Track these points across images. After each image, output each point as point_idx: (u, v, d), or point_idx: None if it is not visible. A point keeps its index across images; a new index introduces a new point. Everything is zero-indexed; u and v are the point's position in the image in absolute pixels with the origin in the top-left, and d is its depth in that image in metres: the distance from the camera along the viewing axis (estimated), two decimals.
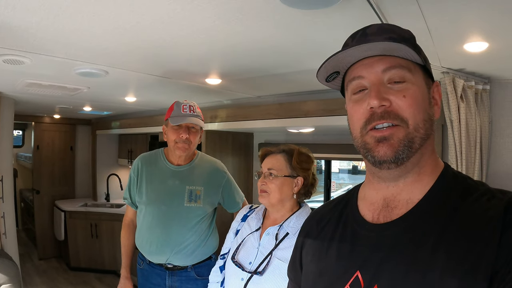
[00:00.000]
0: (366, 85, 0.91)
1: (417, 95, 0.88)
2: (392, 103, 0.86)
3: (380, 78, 0.89)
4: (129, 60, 2.39)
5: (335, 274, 0.94)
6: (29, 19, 1.65)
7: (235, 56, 2.24)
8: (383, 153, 0.86)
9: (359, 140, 0.92)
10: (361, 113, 0.90)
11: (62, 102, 4.73)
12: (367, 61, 0.91)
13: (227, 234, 2.10)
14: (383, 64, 0.89)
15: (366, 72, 0.90)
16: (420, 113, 0.87)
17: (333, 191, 4.47)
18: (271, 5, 1.45)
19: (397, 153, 0.86)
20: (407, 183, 0.91)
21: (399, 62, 0.88)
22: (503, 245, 0.73)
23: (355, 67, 0.93)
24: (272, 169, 1.87)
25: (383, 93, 0.87)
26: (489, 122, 2.54)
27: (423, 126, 0.87)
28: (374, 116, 0.87)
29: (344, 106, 1.00)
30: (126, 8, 1.51)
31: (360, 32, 0.94)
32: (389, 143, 0.86)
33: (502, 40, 1.79)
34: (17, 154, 8.82)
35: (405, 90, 0.87)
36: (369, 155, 0.89)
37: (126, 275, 2.63)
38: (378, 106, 0.86)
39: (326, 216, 1.10)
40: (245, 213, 2.06)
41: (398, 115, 0.86)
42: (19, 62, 2.40)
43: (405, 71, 0.88)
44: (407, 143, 0.86)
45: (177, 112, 2.50)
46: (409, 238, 0.84)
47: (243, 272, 1.80)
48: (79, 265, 6.23)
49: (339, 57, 0.91)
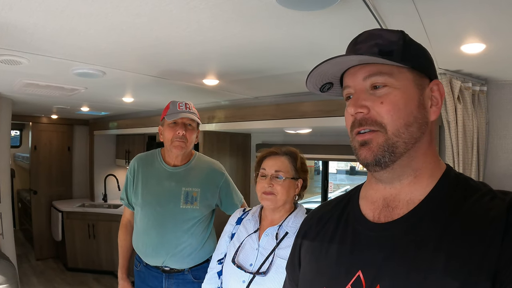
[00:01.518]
0: (352, 92, 0.94)
1: (397, 100, 0.88)
2: (370, 110, 0.89)
3: (362, 85, 0.92)
4: (126, 61, 2.39)
5: (336, 273, 0.93)
6: (26, 19, 1.65)
7: (232, 57, 2.24)
8: (364, 157, 0.90)
9: (351, 144, 0.95)
10: (348, 119, 0.95)
11: (60, 103, 4.72)
12: (352, 70, 0.94)
13: (220, 239, 2.08)
14: (364, 72, 0.91)
15: (351, 81, 0.94)
16: (401, 118, 0.88)
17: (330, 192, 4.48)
18: (268, 6, 1.44)
19: (377, 157, 0.88)
20: (404, 185, 0.92)
21: (379, 68, 0.90)
22: (505, 246, 0.74)
23: (344, 76, 0.97)
24: (280, 171, 1.87)
25: (361, 101, 0.90)
26: (486, 123, 2.55)
27: (404, 131, 0.88)
28: (355, 123, 0.91)
29: (341, 107, 1.03)
30: (122, 9, 1.50)
31: (353, 41, 0.98)
32: (369, 147, 0.89)
33: (499, 41, 1.79)
34: (15, 155, 8.80)
35: (385, 96, 0.89)
36: (357, 157, 0.93)
37: (122, 276, 2.61)
38: (355, 113, 0.90)
39: (326, 215, 1.09)
40: (239, 216, 2.05)
41: (376, 121, 0.88)
42: (16, 63, 2.39)
43: (385, 77, 0.89)
44: (387, 148, 0.88)
45: (173, 109, 2.48)
46: (410, 238, 0.84)
47: (244, 274, 1.79)
48: (76, 266, 6.21)
49: (319, 71, 0.95)
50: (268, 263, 1.76)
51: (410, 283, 0.79)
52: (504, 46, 1.86)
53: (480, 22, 1.58)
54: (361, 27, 1.56)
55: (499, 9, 1.42)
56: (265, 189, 1.85)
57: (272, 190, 1.85)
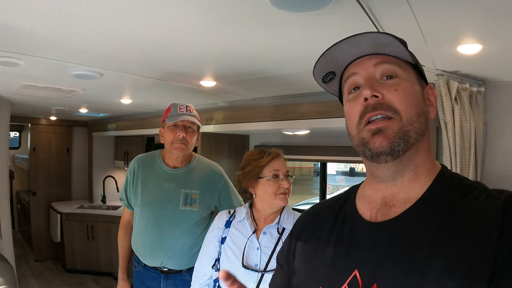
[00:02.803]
0: (360, 82, 0.93)
1: (408, 89, 0.90)
2: (384, 96, 0.88)
3: (372, 72, 0.91)
4: (123, 62, 2.39)
5: (332, 273, 0.93)
6: (23, 22, 1.65)
7: (229, 59, 2.24)
8: (379, 144, 0.87)
9: (356, 138, 0.92)
10: (356, 109, 0.91)
11: (58, 104, 4.73)
12: (360, 59, 0.94)
13: (207, 245, 2.06)
14: (374, 59, 0.92)
15: (359, 68, 0.93)
16: (413, 107, 0.89)
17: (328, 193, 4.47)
18: (262, 7, 1.44)
19: (393, 144, 0.86)
20: (405, 182, 0.92)
21: (389, 58, 0.91)
22: (501, 245, 0.73)
23: (349, 67, 0.96)
24: (289, 172, 1.98)
25: (375, 86, 0.89)
26: (483, 124, 2.55)
27: (416, 120, 0.88)
28: (368, 108, 0.88)
29: (339, 108, 1.02)
30: (117, 11, 1.50)
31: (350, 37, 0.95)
32: (384, 134, 0.86)
33: (495, 42, 1.79)
34: (14, 156, 8.79)
35: (397, 84, 0.89)
36: (366, 149, 0.89)
37: (122, 276, 2.63)
38: (371, 96, 0.87)
39: (322, 214, 1.09)
40: (227, 219, 2.05)
41: (391, 107, 0.87)
42: (14, 64, 2.39)
43: (395, 67, 0.90)
44: (402, 135, 0.86)
45: (174, 112, 2.50)
46: (406, 237, 0.84)
47: (254, 275, 1.82)
48: (75, 267, 6.21)
49: (332, 54, 0.94)
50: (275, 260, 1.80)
51: (407, 282, 0.79)
52: (501, 47, 1.86)
53: (476, 23, 1.58)
54: (356, 28, 1.56)
55: (494, 10, 1.42)
56: (284, 189, 1.93)
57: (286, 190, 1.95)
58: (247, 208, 2.02)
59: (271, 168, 1.94)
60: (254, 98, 3.81)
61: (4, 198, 4.19)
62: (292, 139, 4.03)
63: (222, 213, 2.10)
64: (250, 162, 2.00)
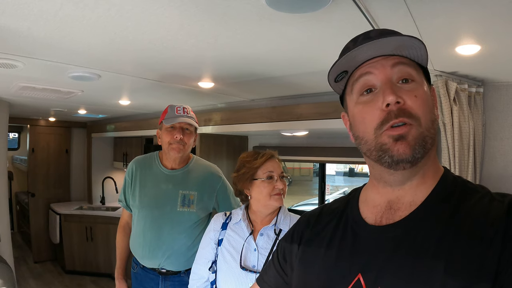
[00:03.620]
0: (375, 83, 0.90)
1: (425, 95, 0.89)
2: (405, 102, 0.86)
3: (390, 74, 0.88)
4: (121, 64, 2.38)
5: (335, 277, 0.93)
6: (20, 23, 1.65)
7: (226, 60, 2.24)
8: (402, 151, 0.84)
9: (373, 143, 0.89)
10: (374, 114, 0.88)
11: (57, 105, 4.72)
12: (374, 60, 0.91)
13: (204, 247, 2.06)
14: (391, 60, 0.89)
15: (374, 68, 0.90)
16: (429, 113, 0.88)
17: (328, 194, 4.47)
18: (258, 9, 1.44)
19: (414, 152, 0.84)
20: (412, 186, 0.91)
21: (404, 59, 0.90)
22: (505, 247, 0.73)
23: (361, 66, 0.92)
24: (284, 173, 1.99)
25: (397, 91, 0.86)
26: (482, 125, 2.54)
27: (432, 126, 0.88)
28: (391, 115, 0.85)
29: (337, 109, 1.00)
30: (113, 12, 1.50)
31: (362, 36, 0.94)
32: (407, 141, 0.84)
33: (494, 42, 1.78)
34: (13, 157, 8.80)
35: (415, 90, 0.88)
36: (386, 155, 0.86)
37: (118, 277, 2.64)
38: (395, 103, 0.85)
39: (324, 217, 1.09)
40: (224, 221, 2.05)
41: (411, 114, 0.85)
42: (12, 66, 2.39)
43: (411, 69, 0.89)
44: (421, 142, 0.85)
45: (171, 114, 2.51)
46: (411, 240, 0.84)
47: (252, 276, 1.82)
48: (74, 269, 6.21)
49: (353, 54, 0.89)
50: None
51: (411, 286, 0.79)
52: (499, 47, 1.85)
53: (474, 23, 1.57)
54: (353, 29, 1.56)
55: (493, 10, 1.41)
56: (278, 190, 1.93)
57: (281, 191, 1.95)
58: (243, 210, 2.02)
59: (265, 170, 1.95)
60: (252, 99, 3.81)
61: (3, 200, 4.19)
62: (291, 140, 4.03)
63: (218, 215, 2.10)
64: (245, 164, 2.00)
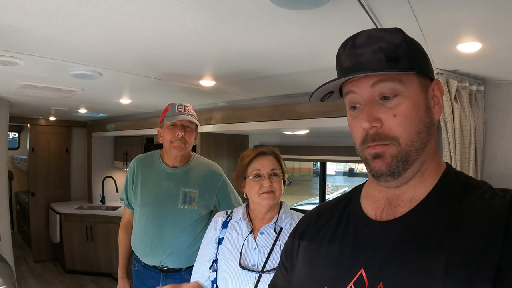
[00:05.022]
0: (359, 101, 0.91)
1: (409, 110, 0.87)
2: (383, 123, 0.86)
3: (370, 94, 0.88)
4: (122, 62, 2.39)
5: (338, 272, 0.93)
6: (22, 20, 1.65)
7: (228, 57, 2.24)
8: (378, 169, 0.88)
9: (360, 154, 0.93)
10: (358, 131, 0.91)
11: (57, 104, 4.72)
12: (356, 78, 0.90)
13: (205, 246, 2.04)
14: (371, 78, 0.88)
15: (356, 87, 0.90)
16: (412, 128, 0.87)
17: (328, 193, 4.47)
18: (261, 6, 1.44)
19: (391, 168, 0.87)
20: (410, 186, 0.92)
21: (389, 75, 0.87)
22: (507, 243, 0.73)
23: (347, 83, 0.93)
24: (275, 169, 1.93)
25: (374, 113, 0.87)
26: (483, 123, 2.54)
27: (416, 139, 0.87)
28: (368, 138, 0.88)
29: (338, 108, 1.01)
30: (116, 9, 1.50)
31: (350, 42, 0.92)
32: (383, 159, 0.87)
33: (495, 40, 1.79)
34: (13, 157, 8.79)
35: (396, 107, 0.86)
36: (368, 168, 0.91)
37: (121, 275, 2.65)
38: (370, 128, 0.87)
39: (326, 214, 1.09)
40: (225, 220, 2.03)
41: (389, 136, 0.86)
42: (13, 64, 2.39)
43: (395, 84, 0.86)
44: (400, 158, 0.86)
45: (172, 112, 2.52)
46: (412, 236, 0.84)
47: (251, 276, 1.81)
48: (74, 268, 6.21)
49: (332, 84, 0.91)
50: (272, 260, 1.81)
51: (413, 281, 0.79)
52: (501, 45, 1.85)
53: (476, 21, 1.57)
54: (356, 26, 1.56)
55: (494, 7, 1.41)
56: (266, 188, 1.88)
57: (272, 188, 1.88)
58: (243, 209, 2.01)
59: (252, 168, 1.93)
60: (253, 98, 3.81)
61: (3, 199, 4.19)
62: (292, 139, 4.03)
63: (219, 214, 2.09)
64: (240, 162, 2.00)
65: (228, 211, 2.09)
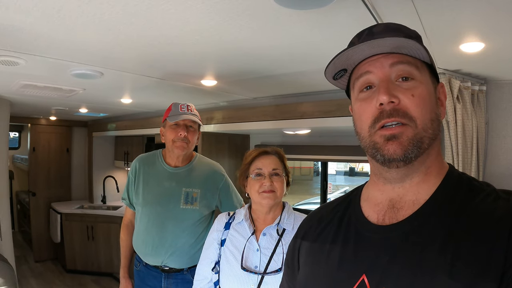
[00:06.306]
0: (374, 81, 0.90)
1: (424, 94, 0.87)
2: (400, 101, 0.85)
3: (388, 73, 0.88)
4: (124, 61, 2.38)
5: (339, 277, 0.92)
6: (23, 19, 1.64)
7: (230, 57, 2.23)
8: (393, 151, 0.85)
9: (367, 140, 0.90)
10: (369, 111, 0.89)
11: (58, 104, 4.72)
12: (374, 57, 0.90)
13: (208, 247, 2.04)
14: (390, 59, 0.88)
15: (373, 67, 0.90)
16: (428, 113, 0.87)
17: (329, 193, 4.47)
18: (265, 5, 1.44)
19: (407, 152, 0.84)
20: (413, 184, 0.90)
21: (406, 58, 0.88)
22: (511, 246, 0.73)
23: (362, 64, 0.93)
24: (277, 169, 1.92)
25: (392, 90, 0.86)
26: (485, 123, 2.54)
27: (431, 126, 0.87)
28: (383, 114, 0.86)
29: (340, 107, 1.00)
30: (118, 8, 1.49)
31: (366, 31, 0.93)
32: (399, 141, 0.85)
33: (498, 40, 1.78)
34: (14, 156, 8.78)
35: (413, 88, 0.86)
36: (378, 154, 0.87)
37: (123, 275, 2.65)
38: (388, 102, 0.85)
39: (327, 217, 1.08)
40: (227, 221, 2.02)
41: (407, 114, 0.85)
42: (14, 63, 2.38)
43: (412, 68, 0.88)
44: (416, 142, 0.85)
45: (175, 111, 2.52)
46: (415, 240, 0.83)
47: (253, 277, 1.80)
48: (75, 268, 6.21)
49: (348, 54, 0.90)
50: (275, 262, 1.80)
51: (416, 286, 0.78)
52: (503, 45, 1.85)
53: (479, 21, 1.57)
54: (359, 26, 1.55)
55: (498, 7, 1.41)
56: (266, 187, 1.87)
57: (272, 188, 1.88)
58: (246, 210, 2.00)
59: (254, 167, 1.93)
60: (254, 97, 3.80)
61: (4, 199, 4.18)
62: (293, 139, 4.02)
63: (221, 215, 2.08)
64: (243, 161, 2.00)
65: (230, 212, 2.09)
